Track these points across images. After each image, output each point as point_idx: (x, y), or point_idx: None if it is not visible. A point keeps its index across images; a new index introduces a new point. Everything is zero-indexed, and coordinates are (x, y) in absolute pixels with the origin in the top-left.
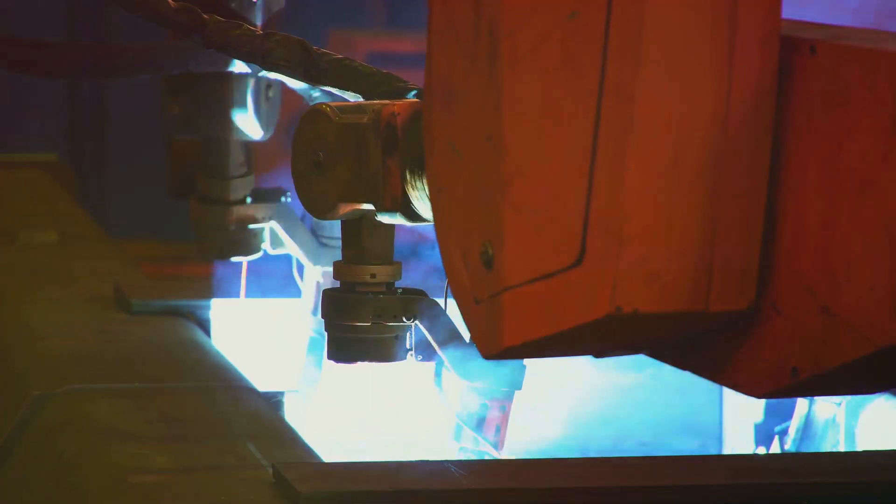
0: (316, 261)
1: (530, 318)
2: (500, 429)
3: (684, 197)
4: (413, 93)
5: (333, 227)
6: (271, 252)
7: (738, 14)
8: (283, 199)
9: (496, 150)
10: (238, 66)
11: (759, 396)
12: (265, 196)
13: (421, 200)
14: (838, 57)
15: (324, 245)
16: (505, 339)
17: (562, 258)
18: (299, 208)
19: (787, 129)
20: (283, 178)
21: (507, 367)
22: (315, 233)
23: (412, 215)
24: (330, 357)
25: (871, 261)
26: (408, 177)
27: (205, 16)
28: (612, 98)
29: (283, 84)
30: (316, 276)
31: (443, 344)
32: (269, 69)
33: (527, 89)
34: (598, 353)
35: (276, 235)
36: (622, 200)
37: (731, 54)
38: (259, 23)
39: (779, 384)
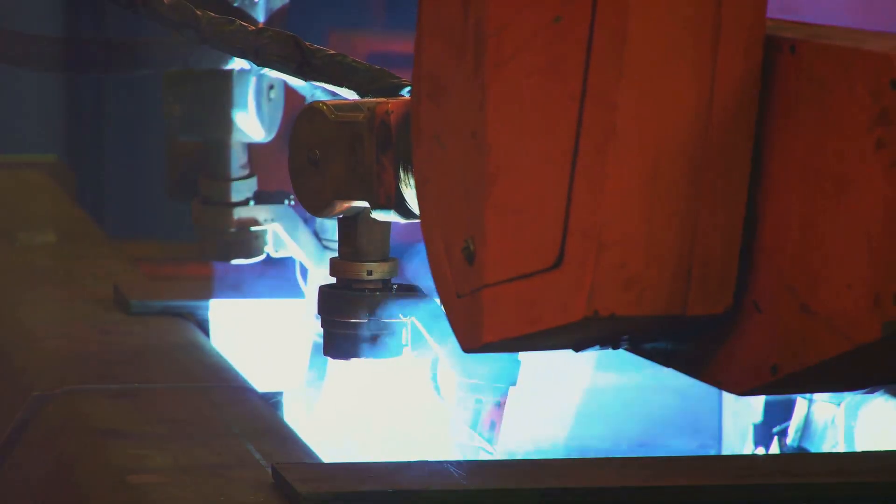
0: (318, 263)
1: (509, 316)
2: (496, 424)
3: (664, 203)
4: (407, 89)
5: (336, 230)
6: (274, 255)
7: (721, 22)
8: (286, 201)
9: (480, 148)
10: (238, 65)
11: (739, 393)
12: (267, 198)
13: (415, 198)
14: (817, 56)
15: (326, 248)
16: (484, 335)
17: (541, 259)
18: (302, 211)
19: (767, 129)
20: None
21: (502, 362)
22: (318, 235)
23: (406, 212)
24: (326, 353)
25: (849, 259)
26: (401, 174)
27: (198, 12)
28: (595, 104)
29: (285, 85)
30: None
31: (438, 340)
32: (263, 65)
33: (511, 90)
34: (577, 349)
35: (278, 238)
36: (602, 206)
37: (714, 62)
38: (262, 20)
39: (759, 381)
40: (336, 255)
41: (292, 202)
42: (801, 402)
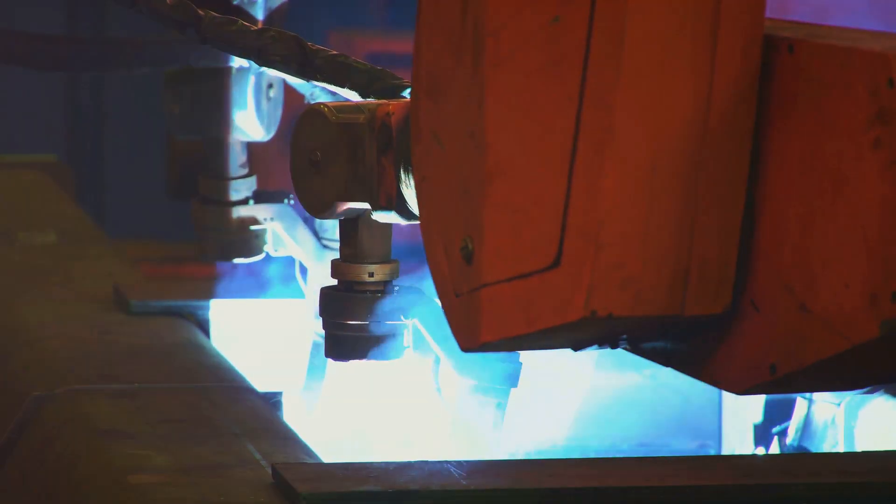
0: (318, 263)
1: (507, 316)
2: (497, 425)
3: (662, 204)
4: (408, 90)
5: (335, 230)
6: (273, 254)
7: (720, 23)
8: (286, 201)
9: (478, 148)
10: (238, 63)
11: (738, 393)
12: (267, 197)
13: (415, 198)
14: (815, 55)
15: (326, 247)
16: (482, 335)
17: (539, 259)
18: (302, 210)
19: (766, 128)
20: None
21: (504, 363)
22: (317, 234)
23: (407, 213)
24: (328, 355)
25: (846, 259)
26: (402, 175)
27: (200, 11)
28: (592, 105)
29: (285, 84)
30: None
31: (440, 342)
32: (264, 65)
33: (509, 90)
34: (576, 348)
35: (278, 237)
36: (599, 206)
37: (712, 63)
38: (261, 18)
39: (757, 380)
40: (336, 255)
41: (292, 201)
42: (801, 402)
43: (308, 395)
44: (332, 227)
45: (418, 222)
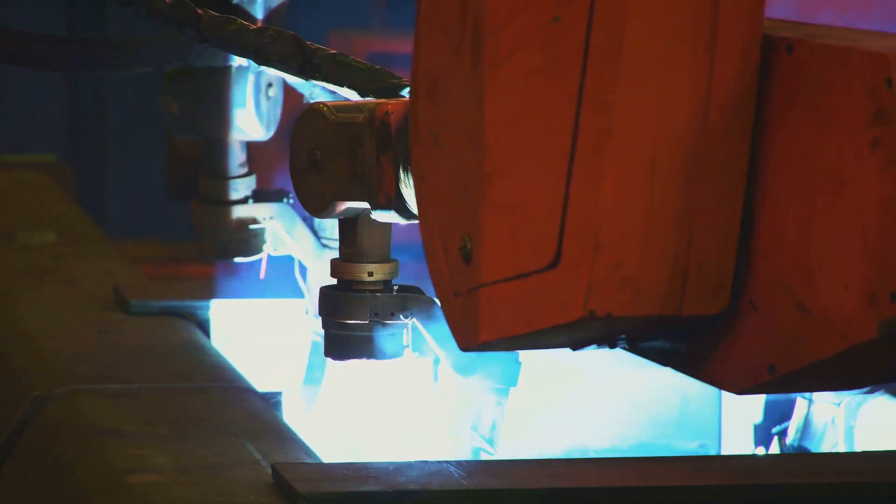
0: (317, 262)
1: (506, 316)
2: (497, 425)
3: (661, 204)
4: (407, 89)
5: (335, 229)
6: (273, 253)
7: (719, 22)
8: (285, 200)
9: (477, 147)
10: (238, 62)
11: (737, 392)
12: (266, 197)
13: (414, 198)
14: (814, 55)
15: (325, 246)
16: (481, 335)
17: (538, 259)
18: (301, 209)
19: (764, 128)
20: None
21: (503, 363)
22: (316, 234)
23: (406, 213)
24: (327, 354)
25: (845, 259)
26: (401, 175)
27: (199, 10)
28: (591, 105)
29: (284, 83)
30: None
31: (439, 341)
32: (263, 64)
33: (509, 89)
34: (575, 348)
35: (277, 236)
36: (598, 206)
37: (711, 63)
38: (260, 17)
39: (757, 380)
40: (335, 254)
41: (291, 200)
42: (801, 402)
43: (308, 395)
44: (331, 227)
45: (417, 222)
